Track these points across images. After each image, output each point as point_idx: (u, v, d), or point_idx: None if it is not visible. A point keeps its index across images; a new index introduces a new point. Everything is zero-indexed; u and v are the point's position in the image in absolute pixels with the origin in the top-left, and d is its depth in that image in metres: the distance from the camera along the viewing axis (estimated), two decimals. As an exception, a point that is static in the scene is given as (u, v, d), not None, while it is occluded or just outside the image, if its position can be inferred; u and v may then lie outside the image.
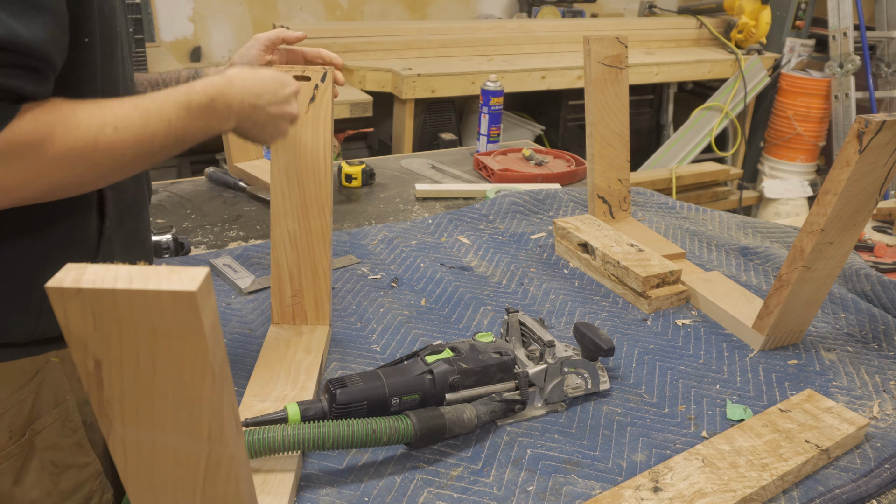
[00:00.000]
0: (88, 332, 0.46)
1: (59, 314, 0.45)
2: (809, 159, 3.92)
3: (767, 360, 1.11)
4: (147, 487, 0.55)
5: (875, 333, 1.19)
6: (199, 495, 0.56)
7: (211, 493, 0.56)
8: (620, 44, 1.41)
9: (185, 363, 0.48)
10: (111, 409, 0.50)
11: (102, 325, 0.45)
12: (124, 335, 0.46)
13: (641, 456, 0.90)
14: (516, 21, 3.49)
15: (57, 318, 0.45)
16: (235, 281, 1.25)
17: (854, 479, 0.87)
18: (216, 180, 1.68)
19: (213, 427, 0.52)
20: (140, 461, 0.53)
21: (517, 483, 0.85)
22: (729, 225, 1.60)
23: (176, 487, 0.55)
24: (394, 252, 1.39)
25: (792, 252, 1.04)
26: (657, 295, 1.22)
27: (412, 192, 1.71)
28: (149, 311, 0.45)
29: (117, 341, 0.46)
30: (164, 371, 0.48)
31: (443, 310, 1.20)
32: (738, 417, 0.97)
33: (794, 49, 3.87)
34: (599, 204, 1.49)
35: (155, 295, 0.44)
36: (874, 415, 0.99)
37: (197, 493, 0.55)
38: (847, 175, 0.94)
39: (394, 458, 0.88)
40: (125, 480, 0.55)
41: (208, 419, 0.51)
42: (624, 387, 1.03)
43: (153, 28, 3.17)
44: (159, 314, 0.45)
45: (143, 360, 0.47)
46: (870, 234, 2.33)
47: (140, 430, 0.51)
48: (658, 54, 3.58)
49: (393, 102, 2.99)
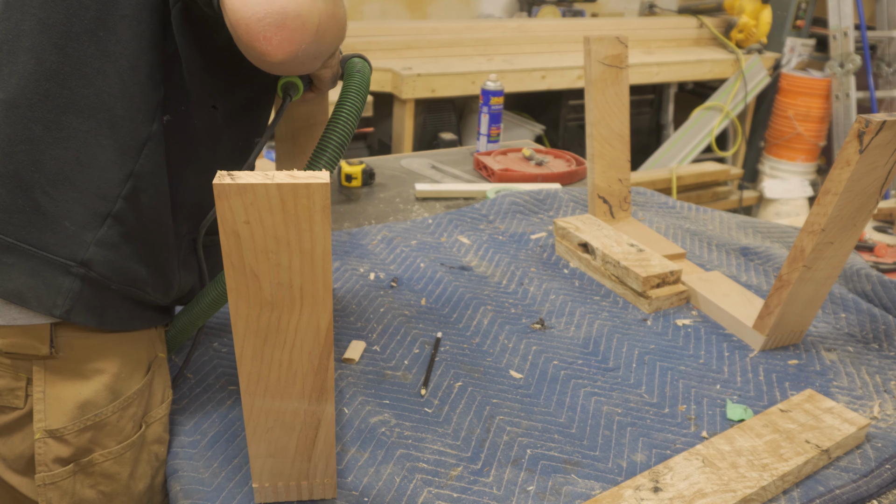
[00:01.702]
0: (240, 226, 0.61)
1: (224, 209, 0.59)
2: (810, 159, 3.92)
3: (768, 360, 1.11)
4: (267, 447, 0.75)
5: (875, 333, 1.19)
6: (309, 452, 0.76)
7: (319, 449, 0.76)
8: (621, 44, 1.40)
9: (315, 252, 0.63)
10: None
11: (254, 217, 0.60)
12: (266, 225, 0.61)
13: (641, 456, 0.90)
14: (516, 21, 3.49)
15: (218, 213, 0.59)
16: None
17: (854, 479, 0.87)
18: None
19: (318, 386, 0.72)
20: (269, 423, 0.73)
21: (517, 483, 0.85)
22: (729, 225, 1.60)
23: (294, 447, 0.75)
24: (394, 252, 1.38)
25: (792, 252, 1.04)
26: (657, 295, 1.22)
27: (412, 192, 1.71)
28: (296, 197, 0.60)
29: (260, 231, 0.61)
30: (299, 265, 0.64)
31: (443, 310, 1.20)
32: (738, 417, 0.97)
33: (794, 49, 3.87)
34: (600, 204, 1.49)
35: (294, 187, 0.59)
36: (875, 415, 0.99)
37: (308, 450, 0.75)
38: (847, 175, 0.94)
39: (394, 457, 0.88)
40: (251, 442, 0.74)
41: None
42: (624, 387, 1.03)
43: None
44: (301, 200, 0.60)
45: (282, 247, 0.63)
46: (870, 234, 2.33)
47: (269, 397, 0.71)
48: (658, 54, 3.58)
49: (393, 102, 2.99)
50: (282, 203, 0.60)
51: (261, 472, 0.77)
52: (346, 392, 0.99)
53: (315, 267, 0.64)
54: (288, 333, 0.68)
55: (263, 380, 0.70)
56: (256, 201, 0.59)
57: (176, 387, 0.98)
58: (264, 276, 0.64)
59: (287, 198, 0.60)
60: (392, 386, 1.01)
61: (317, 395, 0.72)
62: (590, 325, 1.18)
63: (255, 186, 0.58)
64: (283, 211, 0.60)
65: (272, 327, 0.67)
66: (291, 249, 0.63)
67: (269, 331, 0.67)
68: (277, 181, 0.59)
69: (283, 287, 0.65)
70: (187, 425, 0.92)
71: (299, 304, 0.66)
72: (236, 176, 0.59)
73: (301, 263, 0.63)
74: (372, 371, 1.04)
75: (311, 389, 0.72)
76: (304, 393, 0.72)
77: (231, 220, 0.60)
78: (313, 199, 0.60)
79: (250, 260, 0.62)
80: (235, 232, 0.61)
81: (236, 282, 0.64)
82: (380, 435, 0.91)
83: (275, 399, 0.71)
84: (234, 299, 0.65)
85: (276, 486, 0.78)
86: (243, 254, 0.62)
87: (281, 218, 0.61)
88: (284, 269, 0.64)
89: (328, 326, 0.68)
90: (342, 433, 0.91)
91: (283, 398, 0.72)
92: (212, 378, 1.00)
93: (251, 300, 0.65)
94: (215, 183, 0.58)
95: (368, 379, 1.02)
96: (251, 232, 0.61)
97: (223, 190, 0.58)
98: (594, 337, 1.15)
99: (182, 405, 0.95)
